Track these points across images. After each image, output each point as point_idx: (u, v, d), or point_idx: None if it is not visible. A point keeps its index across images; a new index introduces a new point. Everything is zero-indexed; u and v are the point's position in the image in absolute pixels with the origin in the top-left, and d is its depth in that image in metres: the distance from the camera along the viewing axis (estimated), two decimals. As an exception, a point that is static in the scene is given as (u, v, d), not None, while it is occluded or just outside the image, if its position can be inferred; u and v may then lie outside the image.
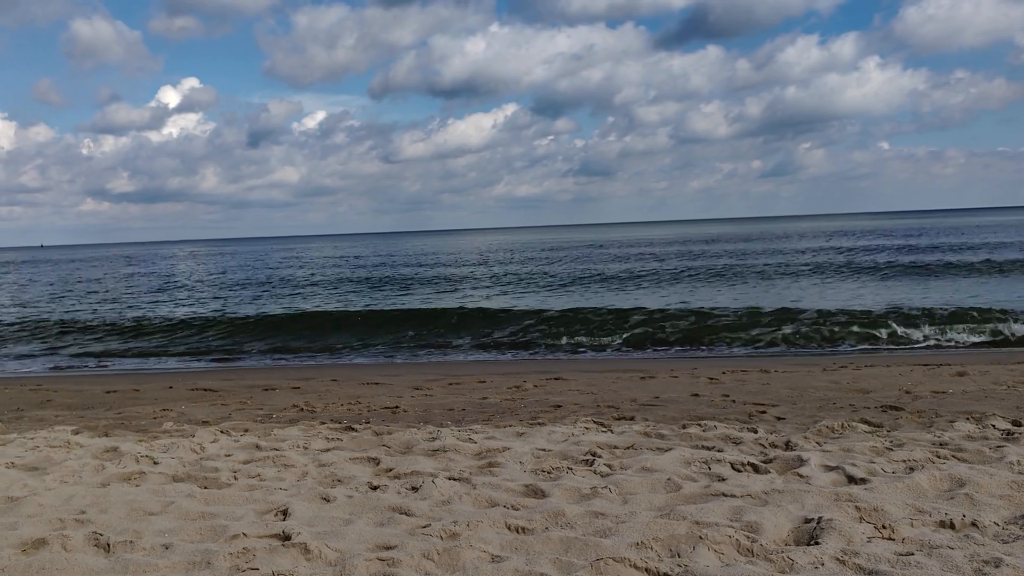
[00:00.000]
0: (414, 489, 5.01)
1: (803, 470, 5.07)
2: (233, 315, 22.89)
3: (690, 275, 32.27)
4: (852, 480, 4.84)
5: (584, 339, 16.85)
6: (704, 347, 15.69)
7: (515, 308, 21.56)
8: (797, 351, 14.83)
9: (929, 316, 17.10)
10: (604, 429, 6.77)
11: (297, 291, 31.47)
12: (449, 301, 24.48)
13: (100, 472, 5.77)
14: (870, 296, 22.28)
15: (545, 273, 35.74)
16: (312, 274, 40.92)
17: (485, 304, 22.82)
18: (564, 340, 16.75)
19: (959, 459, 5.27)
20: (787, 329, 16.54)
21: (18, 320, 23.58)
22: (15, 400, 10.41)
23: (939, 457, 5.31)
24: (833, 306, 19.35)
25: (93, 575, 3.81)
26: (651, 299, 23.35)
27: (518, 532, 4.18)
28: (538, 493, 4.86)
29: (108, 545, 4.14)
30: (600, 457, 5.65)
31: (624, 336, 16.82)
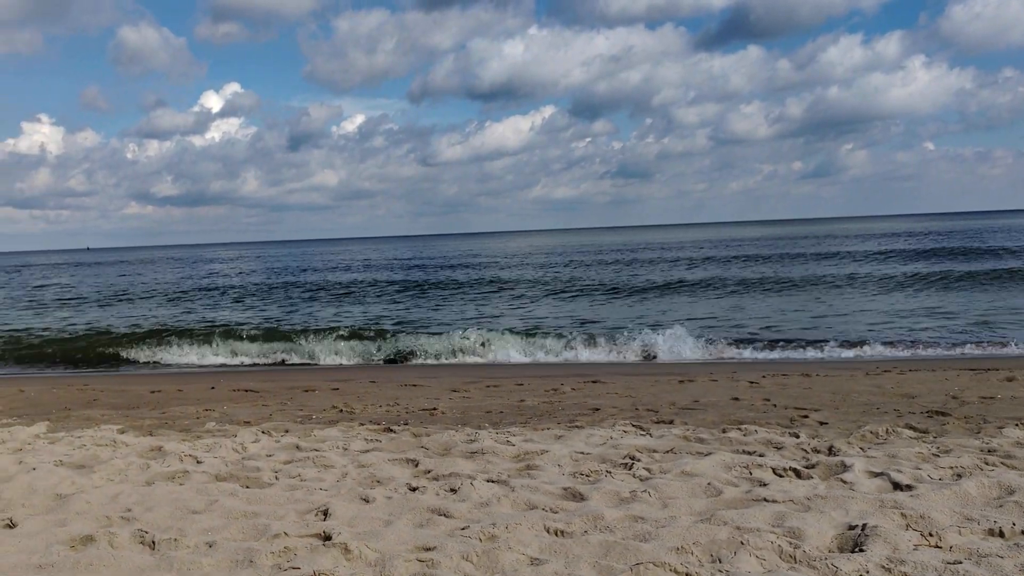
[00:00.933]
0: (453, 491, 5.03)
1: (847, 476, 4.99)
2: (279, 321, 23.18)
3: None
4: (897, 487, 4.75)
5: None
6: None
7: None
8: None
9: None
10: (643, 433, 6.73)
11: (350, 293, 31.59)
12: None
13: (145, 471, 5.88)
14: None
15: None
16: (356, 278, 40.64)
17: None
18: None
19: (1008, 466, 5.15)
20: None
21: (69, 322, 24.11)
22: (63, 399, 10.64)
23: (987, 464, 5.19)
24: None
25: (139, 572, 3.88)
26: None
27: (557, 535, 4.17)
28: (577, 496, 4.85)
29: (153, 543, 4.22)
30: (639, 461, 5.62)
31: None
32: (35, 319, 25.25)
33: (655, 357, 14.63)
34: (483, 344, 16.01)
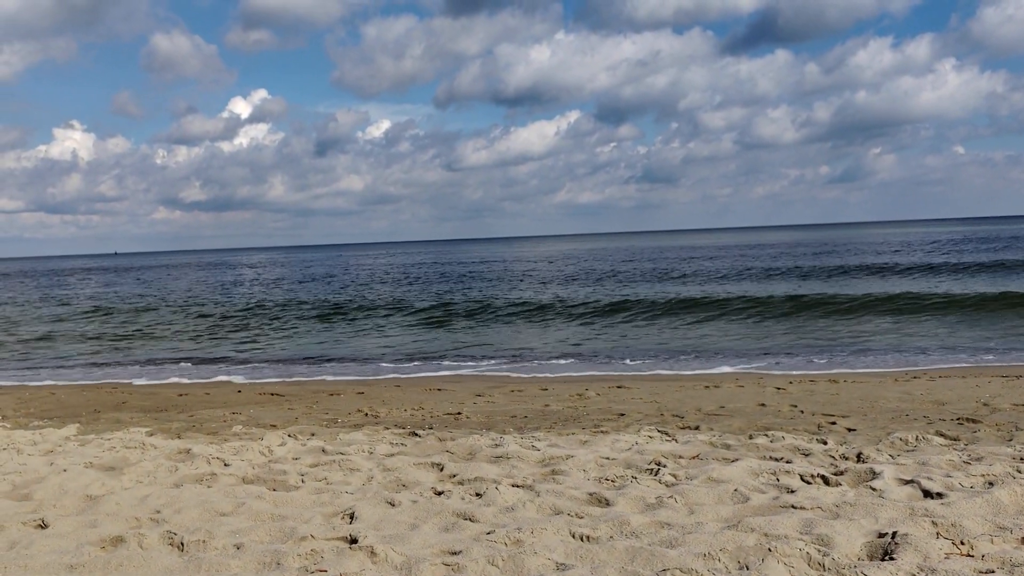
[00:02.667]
0: (478, 495, 5.03)
1: (876, 483, 4.93)
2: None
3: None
4: (928, 494, 4.69)
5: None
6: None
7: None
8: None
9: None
10: (669, 438, 6.70)
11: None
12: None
13: (174, 473, 5.94)
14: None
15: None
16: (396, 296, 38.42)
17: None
18: None
19: (1042, 474, 5.06)
20: None
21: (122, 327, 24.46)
22: (93, 402, 10.79)
23: (1020, 472, 5.10)
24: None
25: (168, 573, 3.92)
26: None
27: (583, 540, 4.16)
28: (602, 502, 4.84)
29: (182, 544, 4.26)
30: (665, 466, 5.59)
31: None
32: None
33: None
34: None
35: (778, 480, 5.18)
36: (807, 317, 20.67)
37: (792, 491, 4.91)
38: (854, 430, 6.90)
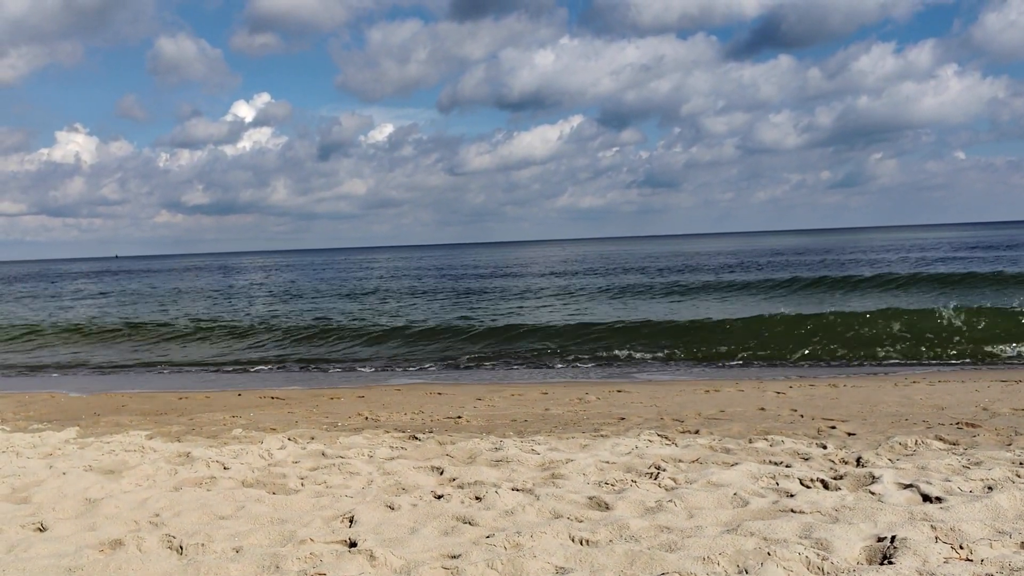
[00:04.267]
0: (478, 499, 5.03)
1: (875, 487, 4.93)
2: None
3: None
4: (927, 499, 4.69)
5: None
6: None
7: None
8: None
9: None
10: (669, 442, 6.70)
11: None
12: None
13: (173, 476, 5.95)
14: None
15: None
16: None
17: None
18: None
19: (1042, 479, 5.06)
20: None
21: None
22: (92, 405, 10.79)
23: (1019, 476, 5.10)
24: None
25: (167, 576, 3.92)
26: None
27: (582, 544, 4.16)
28: (602, 505, 4.84)
29: (181, 547, 4.26)
30: (665, 470, 5.59)
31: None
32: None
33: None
34: None
35: (778, 484, 5.18)
36: (807, 320, 20.67)
37: (791, 495, 4.91)
38: (854, 434, 6.90)
